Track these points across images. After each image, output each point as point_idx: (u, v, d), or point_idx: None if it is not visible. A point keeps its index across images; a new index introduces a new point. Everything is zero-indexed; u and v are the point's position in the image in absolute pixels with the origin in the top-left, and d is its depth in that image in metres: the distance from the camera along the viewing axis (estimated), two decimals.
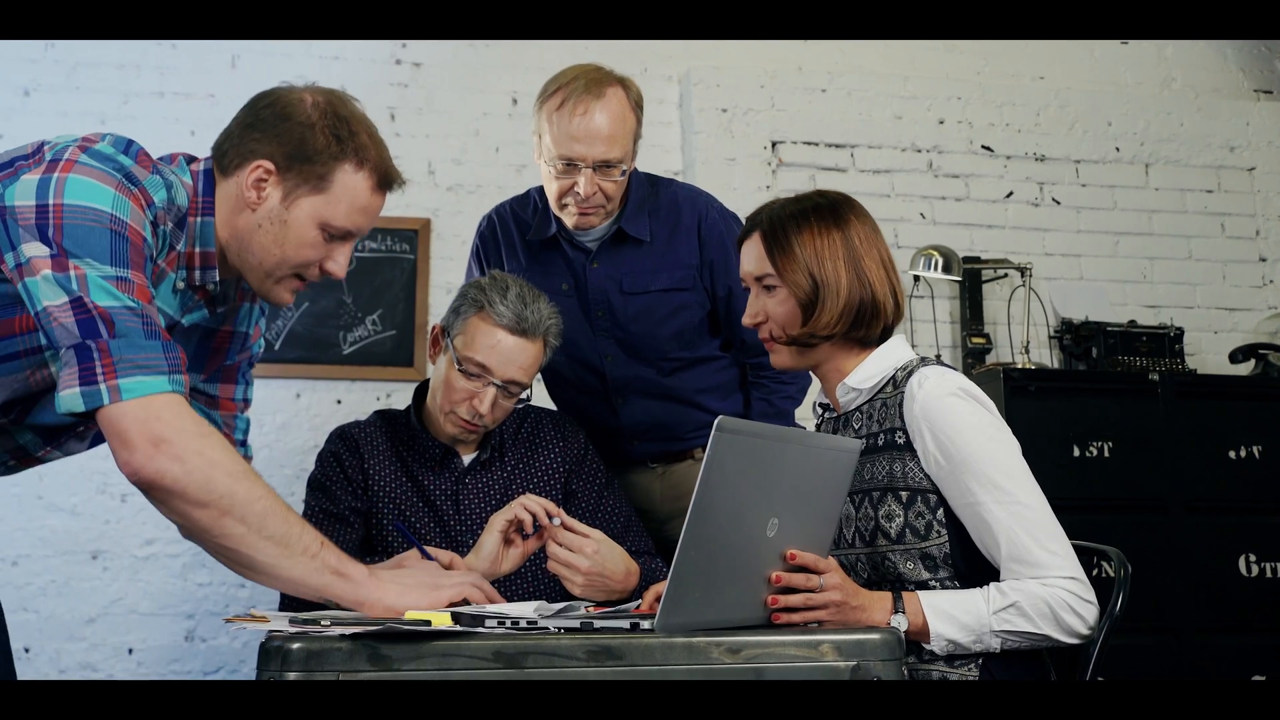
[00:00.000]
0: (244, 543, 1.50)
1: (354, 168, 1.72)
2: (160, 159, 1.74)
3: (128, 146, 1.67)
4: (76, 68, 3.88)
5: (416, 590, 1.60)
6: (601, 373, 2.59)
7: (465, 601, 1.66)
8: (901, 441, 1.82)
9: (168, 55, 3.94)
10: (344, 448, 2.28)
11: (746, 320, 1.96)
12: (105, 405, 1.47)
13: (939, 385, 1.80)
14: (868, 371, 1.90)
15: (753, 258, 1.93)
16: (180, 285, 1.74)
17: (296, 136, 1.70)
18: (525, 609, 1.66)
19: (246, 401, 2.02)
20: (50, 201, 1.53)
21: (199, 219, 1.72)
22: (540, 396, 2.80)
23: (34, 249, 1.52)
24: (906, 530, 1.80)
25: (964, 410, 1.78)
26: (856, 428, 1.91)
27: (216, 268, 1.75)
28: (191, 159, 1.78)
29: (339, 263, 1.78)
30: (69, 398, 1.47)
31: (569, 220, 2.45)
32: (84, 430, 1.81)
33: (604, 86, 2.36)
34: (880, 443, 1.85)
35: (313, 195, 1.71)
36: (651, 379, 2.59)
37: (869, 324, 1.89)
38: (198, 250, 1.73)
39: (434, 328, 2.28)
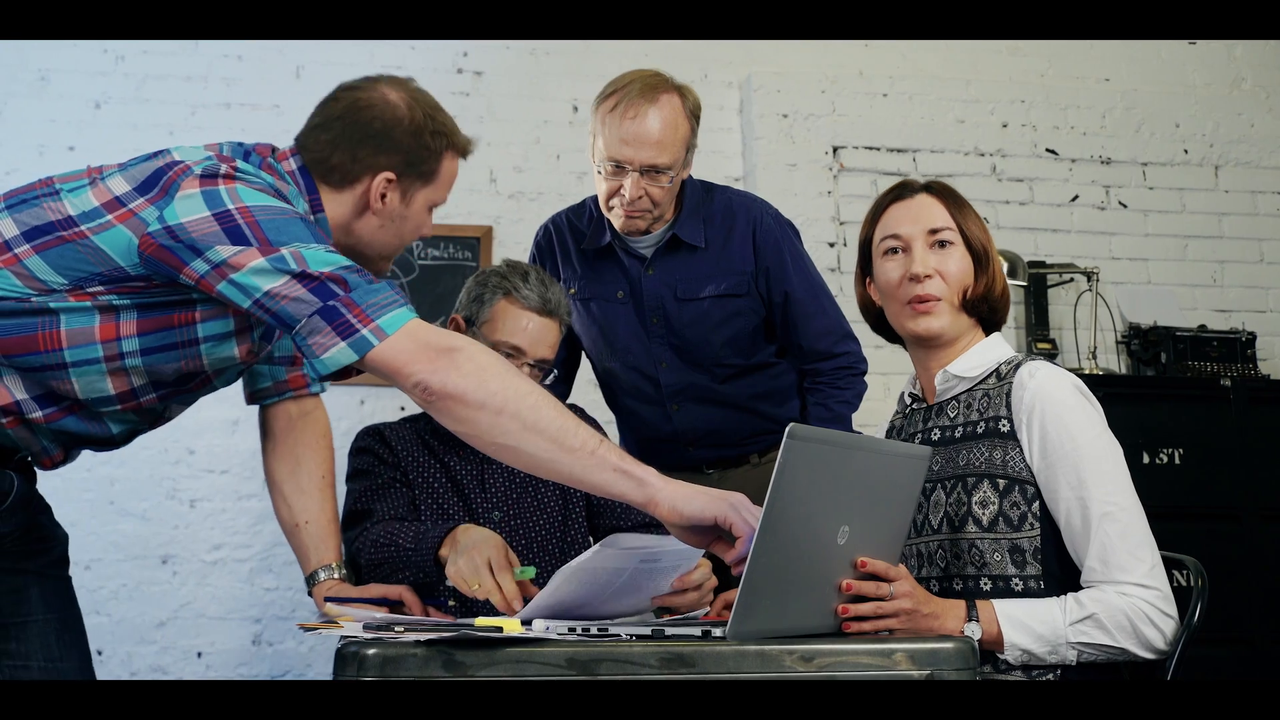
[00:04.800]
0: (520, 439, 1.53)
1: (452, 156, 1.93)
2: (234, 152, 1.79)
3: (247, 156, 1.77)
4: (145, 80, 3.96)
5: (704, 496, 1.53)
6: (656, 379, 2.59)
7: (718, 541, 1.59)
8: (1005, 430, 1.80)
9: (233, 67, 4.00)
10: (375, 441, 2.35)
11: (918, 268, 1.89)
12: (376, 346, 1.54)
13: (1053, 379, 1.79)
14: (972, 361, 1.89)
15: (930, 212, 1.93)
16: None
17: (407, 145, 1.85)
18: None
19: None
20: (231, 206, 1.61)
21: (315, 217, 1.82)
22: (599, 403, 2.81)
23: (230, 249, 1.58)
24: (1000, 519, 1.78)
25: (1075, 405, 1.78)
26: (952, 415, 1.90)
27: None
28: (273, 150, 1.85)
29: (430, 225, 1.97)
30: (336, 354, 1.55)
31: (615, 222, 2.47)
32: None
33: (659, 92, 2.38)
34: (981, 430, 1.83)
35: (424, 188, 1.90)
36: (706, 385, 2.58)
37: (1000, 307, 1.94)
38: None
39: (453, 318, 2.33)
